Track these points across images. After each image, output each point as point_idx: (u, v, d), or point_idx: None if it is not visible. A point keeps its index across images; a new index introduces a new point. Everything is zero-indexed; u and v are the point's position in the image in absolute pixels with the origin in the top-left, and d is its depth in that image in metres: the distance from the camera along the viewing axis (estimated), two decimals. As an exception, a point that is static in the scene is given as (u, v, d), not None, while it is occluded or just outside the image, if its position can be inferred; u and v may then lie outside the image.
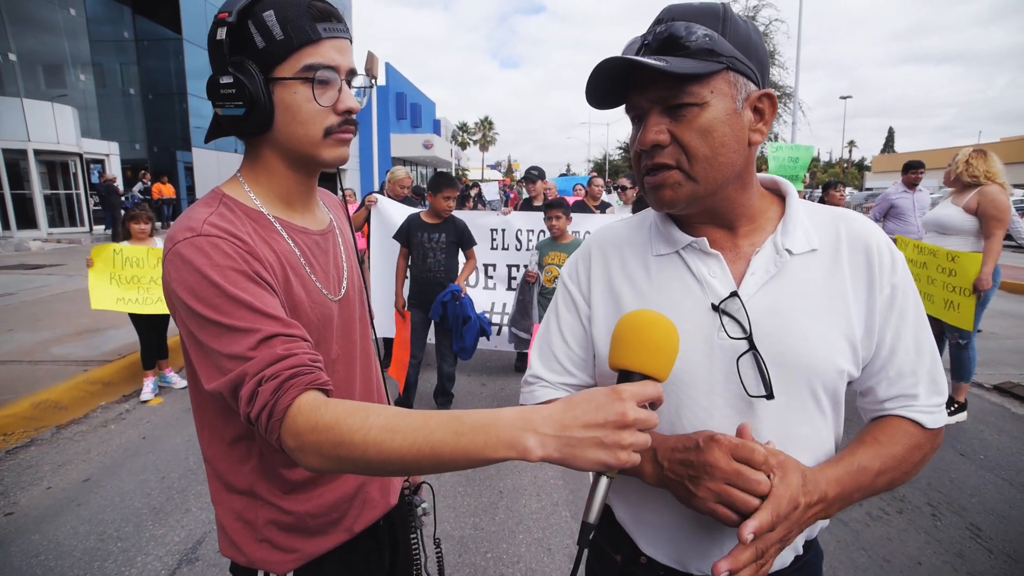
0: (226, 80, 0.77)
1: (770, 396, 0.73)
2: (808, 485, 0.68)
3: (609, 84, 0.74)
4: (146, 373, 4.10)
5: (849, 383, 0.80)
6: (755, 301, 0.76)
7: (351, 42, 0.85)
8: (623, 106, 0.77)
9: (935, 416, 0.78)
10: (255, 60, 0.77)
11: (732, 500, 0.65)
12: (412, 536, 1.11)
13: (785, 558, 0.80)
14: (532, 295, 4.07)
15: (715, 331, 0.76)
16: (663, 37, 0.69)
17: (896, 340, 0.77)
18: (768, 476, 0.66)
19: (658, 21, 0.72)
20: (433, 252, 3.64)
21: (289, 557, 0.89)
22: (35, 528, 2.52)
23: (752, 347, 0.74)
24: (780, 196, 0.84)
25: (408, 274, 3.85)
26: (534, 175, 5.98)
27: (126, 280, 3.91)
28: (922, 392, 0.78)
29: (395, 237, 3.76)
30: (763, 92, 0.73)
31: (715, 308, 0.76)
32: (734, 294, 0.76)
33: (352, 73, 0.84)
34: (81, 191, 14.44)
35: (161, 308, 3.87)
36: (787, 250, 0.76)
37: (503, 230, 4.67)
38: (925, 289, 3.61)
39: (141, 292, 3.91)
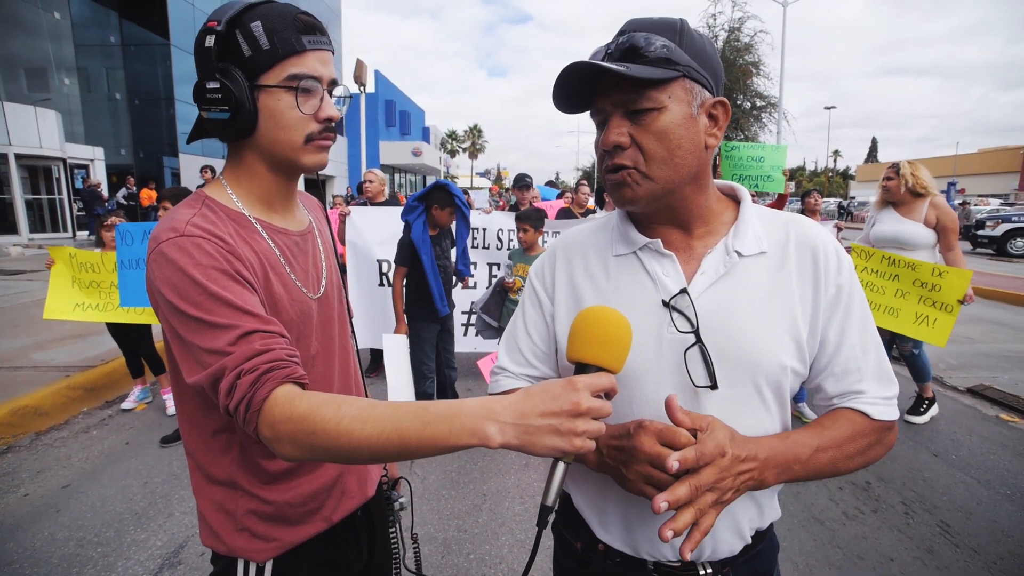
0: (213, 85, 0.81)
1: (714, 386, 0.77)
2: (736, 440, 0.71)
3: (575, 89, 0.78)
4: (134, 381, 4.03)
5: (803, 384, 0.83)
6: (704, 299, 0.80)
7: (333, 54, 0.90)
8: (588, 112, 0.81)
9: (880, 408, 0.80)
10: (241, 67, 0.81)
11: (656, 480, 0.70)
12: (391, 530, 1.13)
13: (734, 547, 0.83)
14: (505, 296, 4.14)
15: (665, 326, 0.80)
16: (625, 46, 0.74)
17: (841, 337, 0.80)
18: (695, 435, 0.69)
19: (620, 32, 0.77)
20: (448, 259, 3.76)
21: (268, 546, 0.91)
22: (9, 536, 2.49)
23: (698, 340, 0.78)
24: (737, 201, 0.88)
25: (406, 291, 3.73)
26: (528, 183, 5.99)
27: (85, 285, 3.65)
28: (868, 388, 0.80)
29: (399, 260, 3.58)
30: (717, 99, 0.78)
31: (665, 304, 0.80)
32: (683, 291, 0.80)
33: (333, 83, 0.88)
34: (64, 196, 14.26)
35: (122, 316, 3.54)
36: (737, 252, 0.81)
37: (484, 229, 4.69)
38: (891, 303, 3.48)
39: (102, 298, 3.63)
